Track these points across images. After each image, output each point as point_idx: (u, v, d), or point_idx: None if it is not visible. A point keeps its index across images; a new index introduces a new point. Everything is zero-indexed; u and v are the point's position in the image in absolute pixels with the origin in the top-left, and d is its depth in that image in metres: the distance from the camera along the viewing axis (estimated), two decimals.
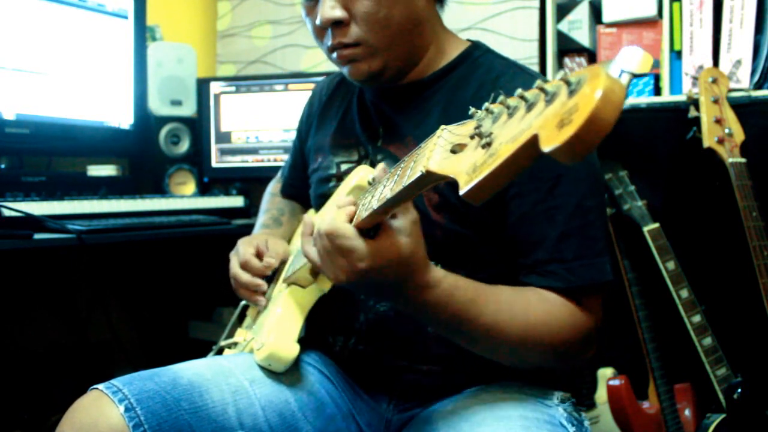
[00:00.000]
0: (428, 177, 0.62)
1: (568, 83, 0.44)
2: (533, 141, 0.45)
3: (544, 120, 0.45)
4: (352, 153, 1.13)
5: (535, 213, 0.94)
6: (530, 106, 0.48)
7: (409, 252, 0.80)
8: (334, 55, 1.03)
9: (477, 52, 1.08)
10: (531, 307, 0.92)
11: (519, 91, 0.51)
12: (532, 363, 0.98)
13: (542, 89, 0.47)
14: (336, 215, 0.82)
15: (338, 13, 0.98)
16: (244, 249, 1.15)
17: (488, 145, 0.52)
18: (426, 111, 1.05)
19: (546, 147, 0.43)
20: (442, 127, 0.65)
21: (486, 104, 0.56)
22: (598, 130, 0.41)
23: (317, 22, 1.00)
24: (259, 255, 1.15)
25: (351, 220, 0.81)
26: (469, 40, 1.12)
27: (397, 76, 1.06)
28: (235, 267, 1.15)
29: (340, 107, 1.19)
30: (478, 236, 0.99)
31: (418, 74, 1.07)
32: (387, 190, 0.71)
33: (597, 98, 0.40)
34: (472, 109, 0.59)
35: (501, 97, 0.54)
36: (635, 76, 0.43)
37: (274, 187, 1.44)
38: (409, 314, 0.89)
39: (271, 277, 1.17)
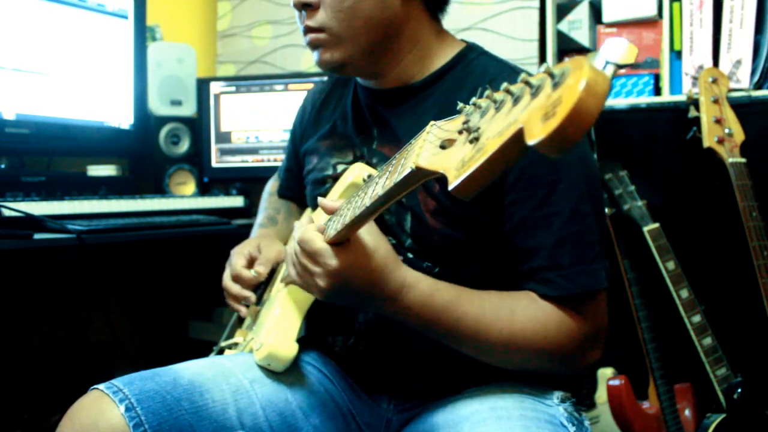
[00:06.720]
0: (418, 173, 0.62)
1: (551, 75, 0.43)
2: (519, 134, 0.45)
3: (530, 113, 0.44)
4: (347, 154, 1.12)
5: (532, 220, 0.93)
6: (516, 100, 0.48)
7: (374, 247, 0.86)
8: (306, 38, 1.04)
9: (471, 54, 1.06)
10: (518, 311, 0.92)
11: (505, 84, 0.50)
12: (526, 366, 0.97)
13: (527, 83, 0.46)
14: (307, 227, 0.88)
15: None
16: (235, 260, 1.16)
17: (476, 139, 0.51)
18: (420, 114, 1.04)
19: (531, 140, 0.43)
20: (431, 123, 0.65)
21: (473, 99, 0.55)
22: (582, 122, 0.41)
23: (291, 3, 1.03)
24: (252, 262, 1.16)
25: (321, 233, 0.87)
26: (463, 40, 1.10)
27: (366, 73, 1.06)
28: (226, 279, 1.17)
29: (335, 109, 1.18)
30: (474, 241, 0.98)
31: (409, 77, 1.05)
32: (379, 188, 0.71)
33: (580, 90, 0.40)
34: (461, 105, 0.59)
35: (488, 92, 0.53)
36: (620, 67, 0.42)
37: (272, 186, 1.44)
38: (392, 317, 0.91)
39: (267, 281, 1.18)
